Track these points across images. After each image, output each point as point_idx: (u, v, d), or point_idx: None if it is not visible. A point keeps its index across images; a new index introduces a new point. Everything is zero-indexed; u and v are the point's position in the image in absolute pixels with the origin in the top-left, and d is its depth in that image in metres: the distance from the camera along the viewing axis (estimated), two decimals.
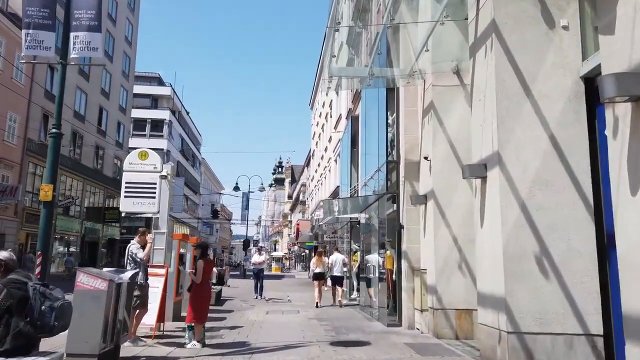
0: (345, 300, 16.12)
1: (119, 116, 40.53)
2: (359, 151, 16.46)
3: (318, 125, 34.91)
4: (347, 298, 16.38)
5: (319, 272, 14.93)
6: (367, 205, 12.79)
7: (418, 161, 9.60)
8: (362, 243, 15.18)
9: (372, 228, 12.79)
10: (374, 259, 12.76)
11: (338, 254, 15.82)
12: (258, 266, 16.33)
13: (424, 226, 9.09)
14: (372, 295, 12.43)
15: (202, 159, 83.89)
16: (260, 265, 16.39)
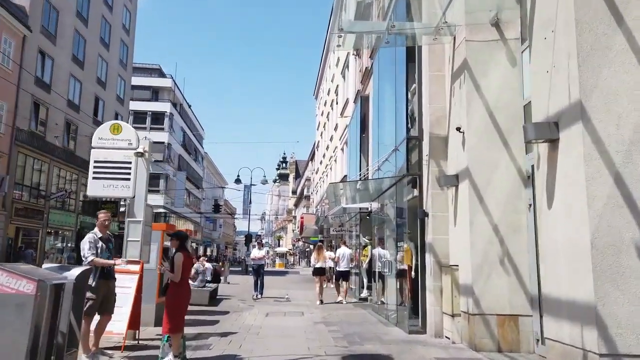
0: (354, 298, 14.57)
1: (116, 107, 39.05)
2: (369, 134, 14.86)
3: (323, 115, 33.31)
4: (356, 297, 14.82)
5: (319, 267, 13.89)
6: (381, 192, 11.22)
7: (445, 136, 8.01)
8: (374, 236, 13.61)
9: (387, 218, 11.21)
10: (386, 253, 11.22)
11: (345, 248, 14.73)
12: (258, 262, 14.80)
13: (454, 213, 7.51)
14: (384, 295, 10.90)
15: (205, 153, 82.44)
16: (260, 261, 14.86)
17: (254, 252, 15.10)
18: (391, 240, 10.78)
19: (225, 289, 18.30)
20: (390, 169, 10.35)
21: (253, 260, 15.02)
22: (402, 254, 9.03)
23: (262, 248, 15.13)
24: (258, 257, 14.83)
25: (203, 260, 14.10)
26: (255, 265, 14.88)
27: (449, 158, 7.85)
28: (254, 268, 14.92)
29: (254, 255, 14.98)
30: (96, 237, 6.42)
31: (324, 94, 33.03)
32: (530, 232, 6.54)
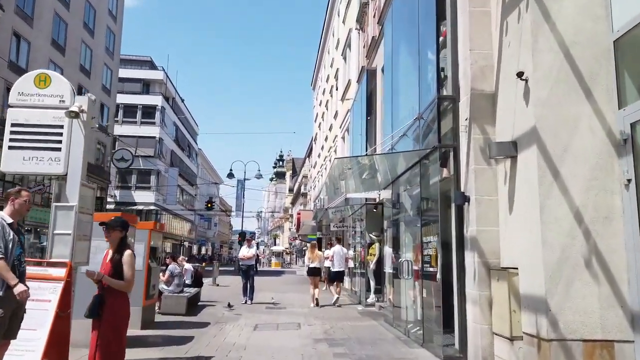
0: (361, 307, 12.48)
1: (102, 97, 36.80)
2: (377, 114, 12.77)
3: (321, 105, 31.23)
4: (363, 304, 12.74)
5: (314, 267, 12.75)
6: (396, 177, 9.14)
7: (492, 92, 5.93)
8: (385, 231, 11.54)
9: (404, 208, 9.12)
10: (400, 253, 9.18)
11: (339, 247, 13.57)
12: (247, 262, 12.72)
13: (509, 196, 5.43)
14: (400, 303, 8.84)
15: (199, 149, 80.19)
16: (249, 261, 12.77)
17: (242, 251, 13.00)
18: (409, 236, 8.70)
19: (212, 292, 16.20)
20: (408, 146, 8.26)
21: (241, 260, 12.93)
22: (431, 251, 6.93)
23: (252, 246, 13.04)
24: (247, 257, 12.74)
25: (182, 261, 12.01)
26: (244, 266, 12.79)
27: (500, 120, 5.77)
28: (242, 269, 12.83)
29: (243, 254, 12.89)
30: (4, 223, 4.24)
31: (322, 82, 30.95)
32: (631, 220, 4.47)
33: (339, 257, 13.24)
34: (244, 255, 12.78)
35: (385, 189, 10.13)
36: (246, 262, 12.78)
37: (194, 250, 79.87)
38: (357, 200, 14.00)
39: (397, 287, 9.33)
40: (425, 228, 7.29)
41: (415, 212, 8.24)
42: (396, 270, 9.36)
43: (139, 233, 8.18)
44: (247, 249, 12.93)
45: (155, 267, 8.88)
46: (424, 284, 7.34)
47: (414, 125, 7.70)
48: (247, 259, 12.76)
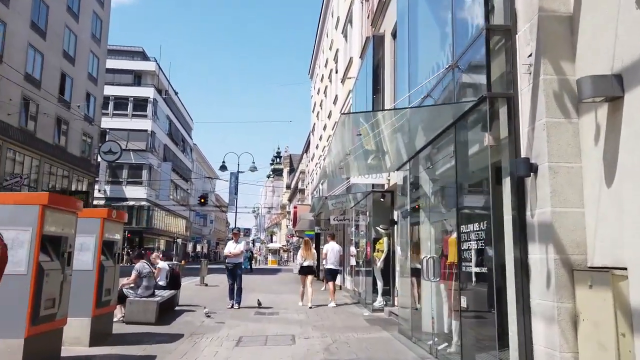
0: (367, 312, 10.66)
1: (88, 86, 34.89)
2: (387, 86, 10.94)
3: (319, 93, 29.39)
4: (369, 308, 10.92)
5: (307, 265, 11.67)
6: (415, 153, 7.29)
7: (569, 13, 4.10)
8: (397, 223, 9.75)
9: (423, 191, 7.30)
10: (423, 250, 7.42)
11: (333, 243, 12.50)
12: (233, 259, 10.89)
13: (606, 160, 3.61)
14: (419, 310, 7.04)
15: (194, 144, 78.28)
16: (236, 258, 10.93)
17: (228, 247, 11.16)
18: (434, 226, 6.89)
19: (198, 294, 14.38)
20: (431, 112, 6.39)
21: (227, 258, 11.09)
22: (472, 245, 5.08)
23: (240, 241, 11.20)
24: (234, 254, 10.92)
25: (157, 258, 10.17)
26: (231, 264, 10.95)
27: (584, 52, 3.94)
28: (228, 268, 10.98)
29: (229, 250, 11.05)
30: None
31: (320, 69, 29.10)
32: None
33: (333, 254, 12.21)
34: (230, 252, 10.95)
35: (400, 169, 8.30)
36: (233, 260, 10.95)
37: (188, 247, 78.11)
38: (361, 188, 12.17)
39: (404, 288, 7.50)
40: (462, 214, 5.45)
41: (445, 195, 6.42)
42: (415, 270, 7.54)
43: (86, 223, 6.36)
44: (234, 244, 11.09)
45: (112, 267, 7.03)
46: (459, 287, 5.51)
47: (445, 81, 5.84)
48: (233, 255, 10.93)
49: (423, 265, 6.47)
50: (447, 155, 5.98)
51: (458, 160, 5.40)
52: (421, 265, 6.92)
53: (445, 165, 6.15)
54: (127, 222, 39.54)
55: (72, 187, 33.13)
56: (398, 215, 10.24)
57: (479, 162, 5.16)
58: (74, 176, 33.50)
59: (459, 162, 5.39)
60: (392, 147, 8.17)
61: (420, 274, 7.17)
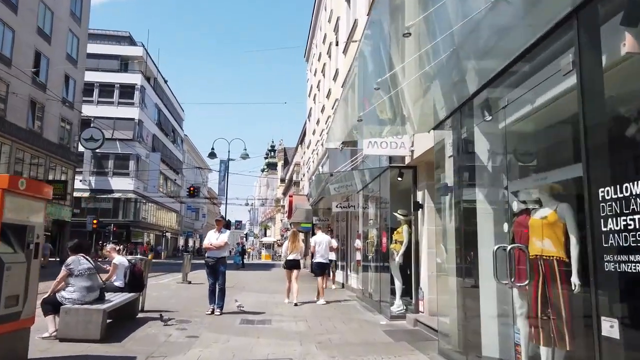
0: (384, 319, 8.41)
1: (66, 68, 32.33)
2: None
3: (317, 74, 27.07)
4: (385, 313, 8.66)
5: (293, 258, 10.72)
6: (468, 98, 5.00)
7: None
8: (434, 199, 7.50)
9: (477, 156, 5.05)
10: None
11: (322, 235, 11.59)
12: (215, 253, 8.59)
13: None
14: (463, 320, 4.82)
15: (185, 135, 75.65)
16: (218, 252, 8.63)
17: (209, 237, 8.84)
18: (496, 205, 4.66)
19: (177, 293, 12.10)
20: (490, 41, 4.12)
21: (207, 251, 8.79)
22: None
23: (224, 231, 8.89)
24: (215, 246, 8.62)
25: (112, 251, 7.86)
26: (211, 260, 8.65)
27: None
28: (208, 264, 8.68)
29: (209, 241, 8.74)
30: None
31: (318, 47, 26.75)
32: None
33: (322, 247, 11.17)
34: (211, 244, 8.65)
35: (440, 126, 6.01)
36: (214, 254, 8.66)
37: (180, 242, 75.62)
38: (370, 164, 9.90)
39: (466, 295, 5.26)
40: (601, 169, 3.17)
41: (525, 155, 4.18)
42: (463, 268, 5.31)
43: None
44: (216, 234, 8.79)
45: (23, 264, 4.74)
46: (568, 294, 3.26)
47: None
48: (215, 248, 8.63)
49: (496, 259, 4.19)
50: (528, 86, 3.68)
51: (584, 78, 3.09)
52: (472, 260, 4.67)
53: (542, 98, 3.86)
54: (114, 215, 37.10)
55: (50, 176, 30.65)
56: (425, 196, 8.01)
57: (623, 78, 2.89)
58: (52, 165, 31.01)
59: (586, 81, 3.08)
60: (420, 106, 5.93)
61: (475, 273, 4.95)
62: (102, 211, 47.62)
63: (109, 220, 46.53)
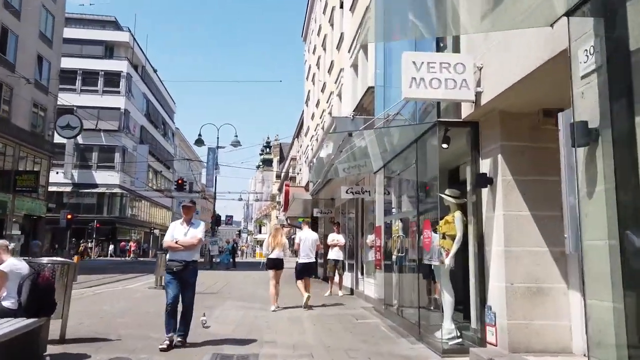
0: (436, 357, 5.53)
1: (39, 47, 29.28)
2: None
3: (315, 51, 24.19)
4: (437, 347, 5.78)
5: (275, 257, 9.31)
6: None
7: None
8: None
9: None
10: None
11: (309, 231, 10.31)
12: (181, 254, 5.61)
13: None
14: None
15: (177, 129, 72.53)
16: (187, 254, 5.67)
17: (172, 230, 5.84)
18: None
19: (134, 307, 9.20)
20: None
21: (170, 252, 5.82)
22: None
23: (196, 222, 5.94)
24: (184, 245, 5.68)
25: (1, 252, 4.97)
26: (177, 265, 5.68)
27: None
28: (171, 270, 5.71)
29: (172, 237, 5.78)
30: None
31: (317, 22, 23.86)
32: None
33: (307, 244, 9.81)
34: (177, 241, 5.73)
35: (575, 13, 3.14)
36: (181, 256, 5.73)
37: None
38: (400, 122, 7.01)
39: None
40: None
41: None
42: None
43: None
44: (184, 227, 5.88)
45: None
46: None
47: None
48: (183, 248, 5.71)
49: None
50: None
51: None
52: None
53: None
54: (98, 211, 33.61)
55: (20, 166, 27.62)
56: (498, 165, 5.15)
57: None
58: (22, 154, 27.96)
59: None
60: None
61: None
62: (85, 207, 44.64)
63: (92, 216, 43.55)
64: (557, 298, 4.91)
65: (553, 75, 3.99)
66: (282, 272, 9.40)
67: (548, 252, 4.97)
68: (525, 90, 4.54)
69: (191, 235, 5.88)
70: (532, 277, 4.93)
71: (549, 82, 4.28)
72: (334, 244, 11.99)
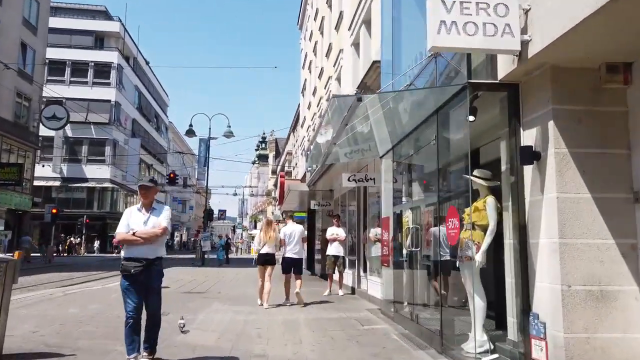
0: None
1: (23, 34, 27.96)
2: None
3: (312, 37, 23.04)
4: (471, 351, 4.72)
5: (266, 252, 8.90)
6: None
7: None
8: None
9: None
10: None
11: (294, 225, 9.62)
12: (141, 252, 4.44)
13: None
14: None
15: (170, 122, 71.17)
16: (150, 250, 4.50)
17: (128, 218, 4.73)
18: None
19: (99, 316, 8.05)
20: None
21: (126, 248, 4.65)
22: None
23: (159, 207, 4.89)
24: (143, 236, 4.53)
25: None
26: (135, 267, 4.50)
27: None
28: (129, 273, 4.55)
29: (128, 227, 4.66)
30: None
31: (314, 7, 22.67)
32: None
33: (294, 239, 9.25)
34: (134, 233, 4.58)
35: None
36: (141, 252, 4.55)
37: None
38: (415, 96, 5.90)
39: None
40: None
41: None
42: None
43: None
44: (144, 214, 4.73)
45: None
46: None
47: None
48: (142, 241, 4.56)
49: None
50: None
51: None
52: None
53: None
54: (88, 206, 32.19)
55: (2, 159, 26.35)
56: (549, 135, 4.04)
57: None
58: (5, 146, 26.71)
59: None
60: None
61: None
62: (75, 202, 43.37)
63: (82, 211, 42.32)
64: (627, 304, 3.83)
65: (627, 12, 2.90)
66: (274, 268, 9.03)
67: (614, 246, 3.88)
68: (590, 35, 3.44)
69: (153, 224, 4.65)
70: (594, 277, 3.84)
71: (621, 23, 3.20)
72: (334, 239, 10.91)
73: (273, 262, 9.00)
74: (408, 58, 6.45)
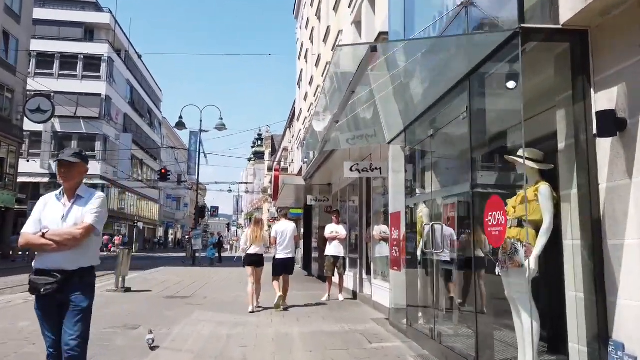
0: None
1: (5, 23, 26.63)
2: None
3: (308, 24, 21.86)
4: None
5: (254, 253, 8.37)
6: None
7: None
8: None
9: None
10: None
11: (286, 222, 8.91)
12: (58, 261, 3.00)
13: None
14: None
15: (164, 118, 69.71)
16: (71, 257, 3.07)
17: (42, 211, 3.25)
18: None
19: None
20: None
21: (37, 255, 3.18)
22: None
23: (90, 194, 3.41)
24: (61, 240, 3.06)
25: None
26: (46, 283, 3.06)
27: None
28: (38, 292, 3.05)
29: (39, 223, 3.13)
30: None
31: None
32: None
33: (286, 238, 8.52)
34: (42, 232, 3.14)
35: None
36: (53, 262, 3.14)
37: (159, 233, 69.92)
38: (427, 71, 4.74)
39: None
40: None
41: None
42: None
43: None
44: (63, 204, 3.29)
45: None
46: None
47: None
48: (56, 246, 3.09)
49: None
50: None
51: None
52: None
53: None
54: None
55: None
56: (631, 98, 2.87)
57: None
58: None
59: None
60: None
61: None
62: None
63: None
64: None
65: None
66: (262, 269, 8.58)
67: None
68: None
69: (75, 220, 3.26)
70: None
71: None
72: (333, 237, 9.77)
73: (261, 264, 8.52)
74: (425, 23, 5.29)
